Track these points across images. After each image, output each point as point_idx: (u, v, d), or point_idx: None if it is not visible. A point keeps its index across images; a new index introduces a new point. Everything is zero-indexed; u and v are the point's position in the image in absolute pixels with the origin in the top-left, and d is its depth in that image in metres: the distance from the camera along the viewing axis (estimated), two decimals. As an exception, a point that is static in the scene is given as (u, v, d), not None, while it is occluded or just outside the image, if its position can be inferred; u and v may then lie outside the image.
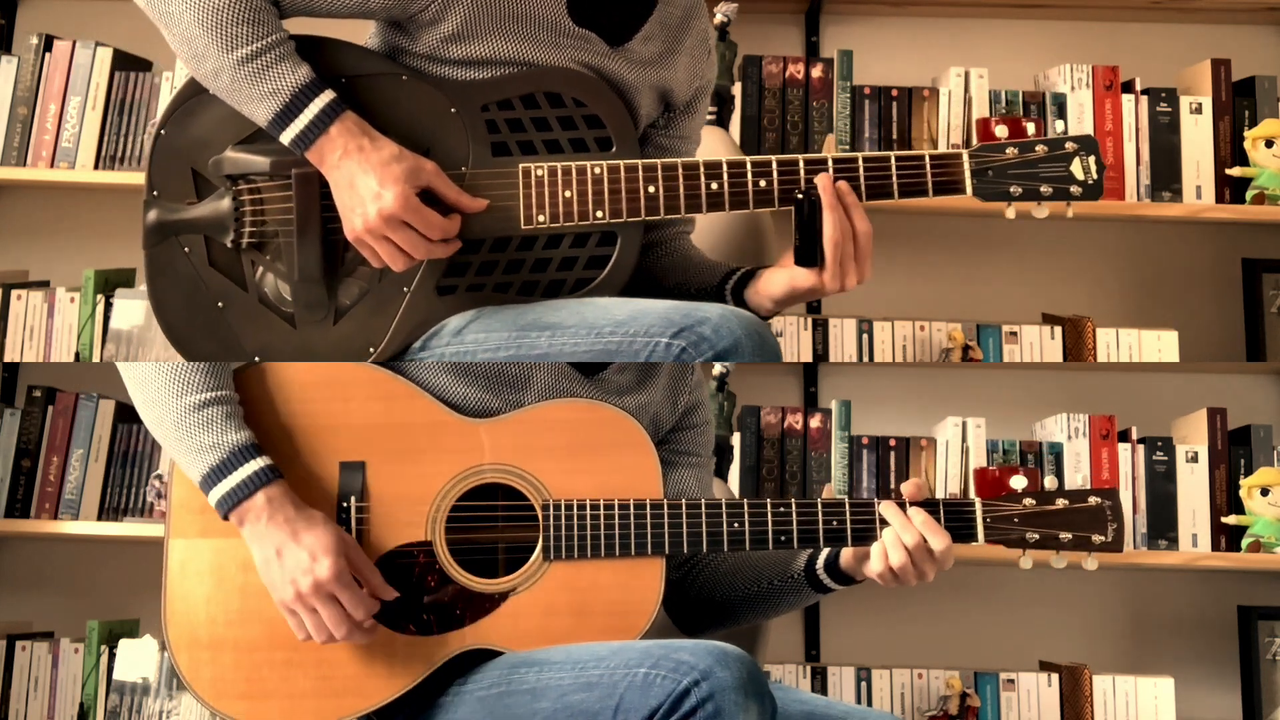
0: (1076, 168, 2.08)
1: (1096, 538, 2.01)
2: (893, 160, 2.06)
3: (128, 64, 3.35)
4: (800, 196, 2.05)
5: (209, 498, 1.89)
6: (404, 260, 2.00)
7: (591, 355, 1.94)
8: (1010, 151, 2.07)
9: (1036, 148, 2.08)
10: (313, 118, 1.97)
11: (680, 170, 2.05)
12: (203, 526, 1.95)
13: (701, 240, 2.46)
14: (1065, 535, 2.01)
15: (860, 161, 2.06)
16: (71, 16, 3.57)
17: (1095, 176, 2.08)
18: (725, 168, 2.05)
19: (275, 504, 1.88)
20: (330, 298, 2.07)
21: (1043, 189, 2.07)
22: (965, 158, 2.07)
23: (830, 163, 2.06)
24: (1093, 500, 2.02)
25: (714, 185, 2.06)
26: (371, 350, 2.06)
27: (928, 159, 2.07)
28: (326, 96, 1.98)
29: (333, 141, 1.97)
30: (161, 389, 1.91)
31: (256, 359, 2.07)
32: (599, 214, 2.05)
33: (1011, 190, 2.07)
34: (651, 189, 2.05)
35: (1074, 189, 2.08)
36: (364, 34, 2.19)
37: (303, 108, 1.97)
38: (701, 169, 2.05)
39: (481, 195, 2.05)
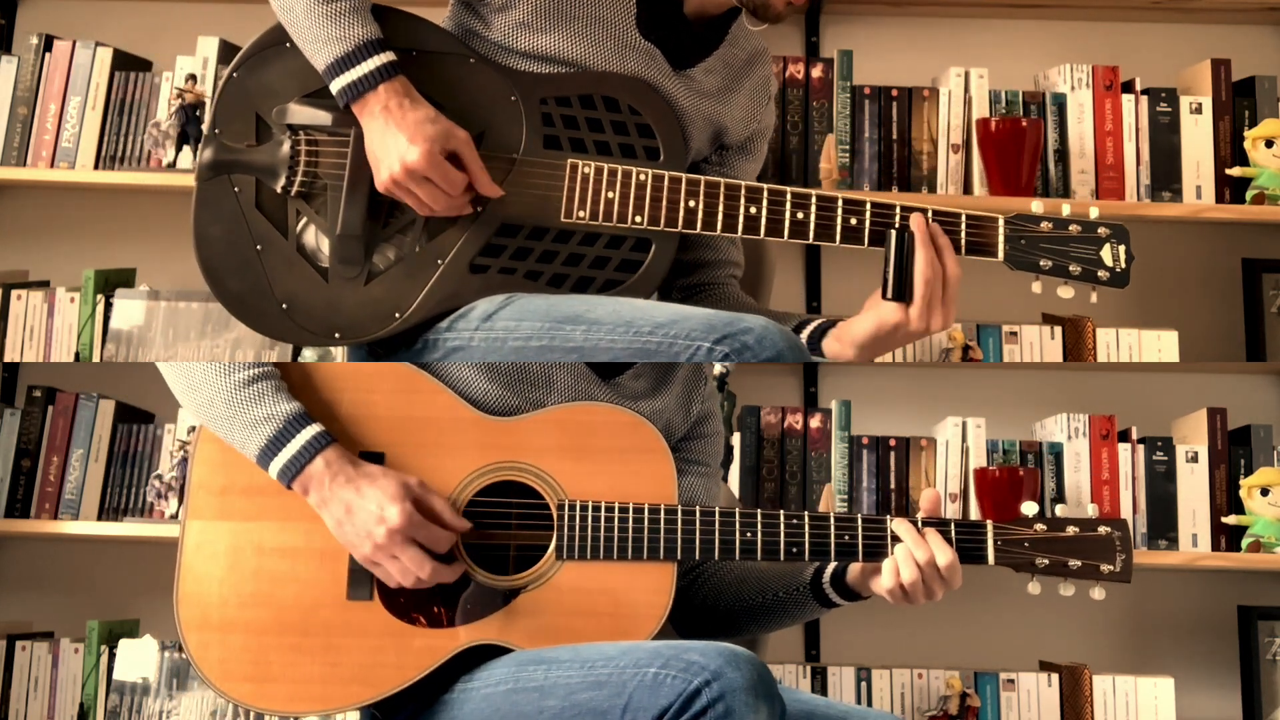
0: (1106, 254, 2.10)
1: (1105, 567, 2.03)
2: (929, 214, 2.09)
3: (128, 64, 3.35)
4: (895, 231, 2.07)
5: (269, 470, 1.91)
6: (427, 210, 2.09)
7: (628, 354, 1.96)
8: (1045, 225, 2.10)
9: (1070, 226, 2.11)
10: (367, 72, 2.05)
11: (722, 190, 2.10)
12: (220, 509, 1.96)
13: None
14: (1074, 563, 2.03)
15: (897, 209, 2.09)
16: (71, 16, 3.57)
17: (1123, 266, 2.11)
18: (765, 194, 2.09)
19: (334, 466, 1.91)
20: (366, 257, 2.13)
21: (1071, 268, 2.10)
22: (1001, 223, 2.09)
23: (868, 205, 2.10)
24: (1103, 530, 2.04)
25: (752, 209, 2.10)
26: (397, 316, 2.13)
27: (964, 218, 2.10)
28: (386, 56, 2.06)
29: (378, 96, 2.06)
30: (207, 372, 1.94)
31: (284, 305, 2.13)
32: (638, 219, 2.11)
33: (1041, 263, 2.10)
34: (692, 203, 2.10)
35: (1101, 273, 2.11)
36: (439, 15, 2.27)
37: (361, 60, 2.05)
38: (742, 192, 2.10)
39: (528, 183, 2.12)
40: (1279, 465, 3.26)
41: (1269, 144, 3.34)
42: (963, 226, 2.10)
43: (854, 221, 2.10)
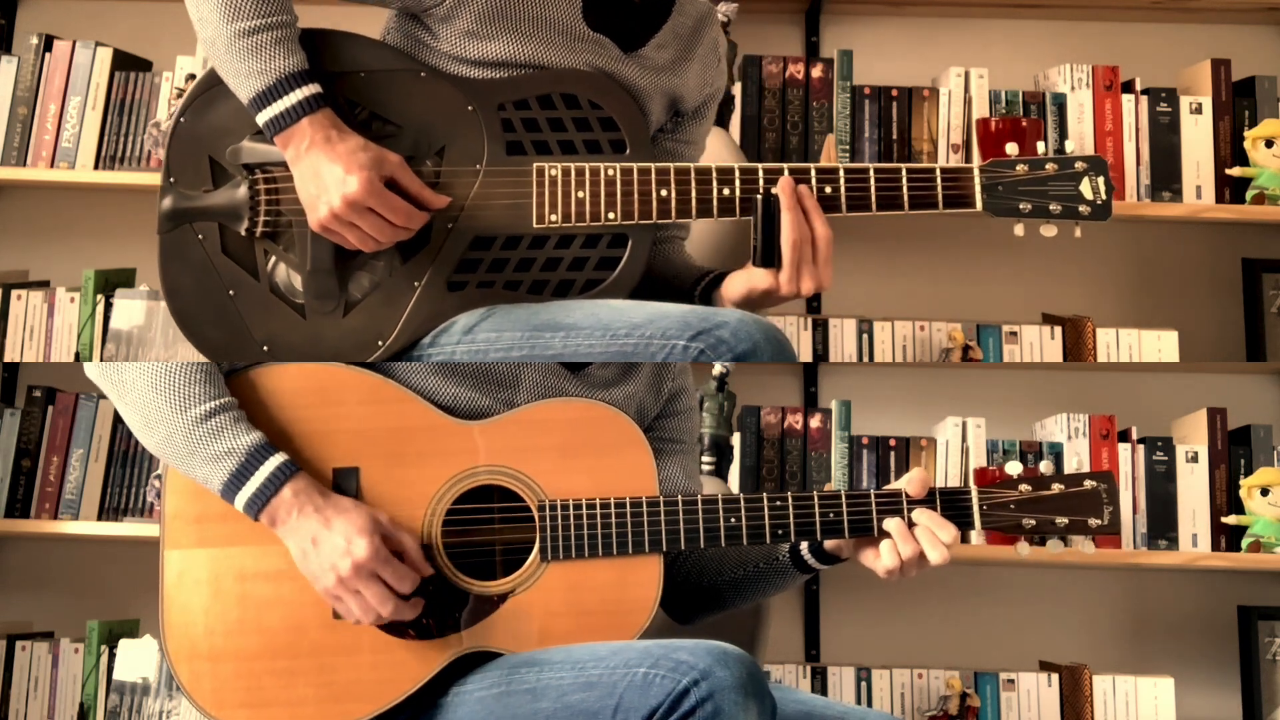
0: (1086, 187, 2.08)
1: (1093, 521, 2.00)
2: (904, 172, 2.06)
3: (128, 64, 3.35)
4: (760, 197, 2.05)
5: (235, 504, 1.88)
6: (372, 244, 2.03)
7: (606, 357, 1.95)
8: (1021, 168, 2.08)
9: (1047, 165, 2.08)
10: (290, 106, 1.99)
11: (693, 175, 2.06)
12: (198, 537, 1.94)
13: (700, 245, 2.46)
14: (1061, 520, 2.00)
15: (871, 172, 2.06)
16: (71, 16, 3.57)
17: (1104, 197, 2.08)
18: (738, 173, 2.06)
19: (302, 496, 1.88)
20: (341, 289, 2.09)
21: (1052, 207, 2.07)
22: (976, 173, 2.07)
23: (842, 173, 2.06)
24: (1088, 484, 2.01)
25: (726, 190, 2.07)
26: (380, 343, 2.08)
27: (939, 172, 2.07)
28: (310, 90, 2.00)
29: (302, 131, 2.00)
30: (162, 407, 1.90)
31: (265, 348, 2.09)
32: (611, 215, 2.07)
33: (1021, 207, 2.08)
34: (664, 192, 2.06)
35: (1083, 208, 2.08)
36: (379, 23, 2.21)
37: (284, 93, 1.99)
38: (714, 174, 2.06)
39: (495, 192, 2.08)
40: (1279, 465, 3.26)
41: (1269, 144, 3.34)
42: (938, 181, 2.08)
43: (829, 190, 2.07)
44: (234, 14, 1.99)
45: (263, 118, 2.00)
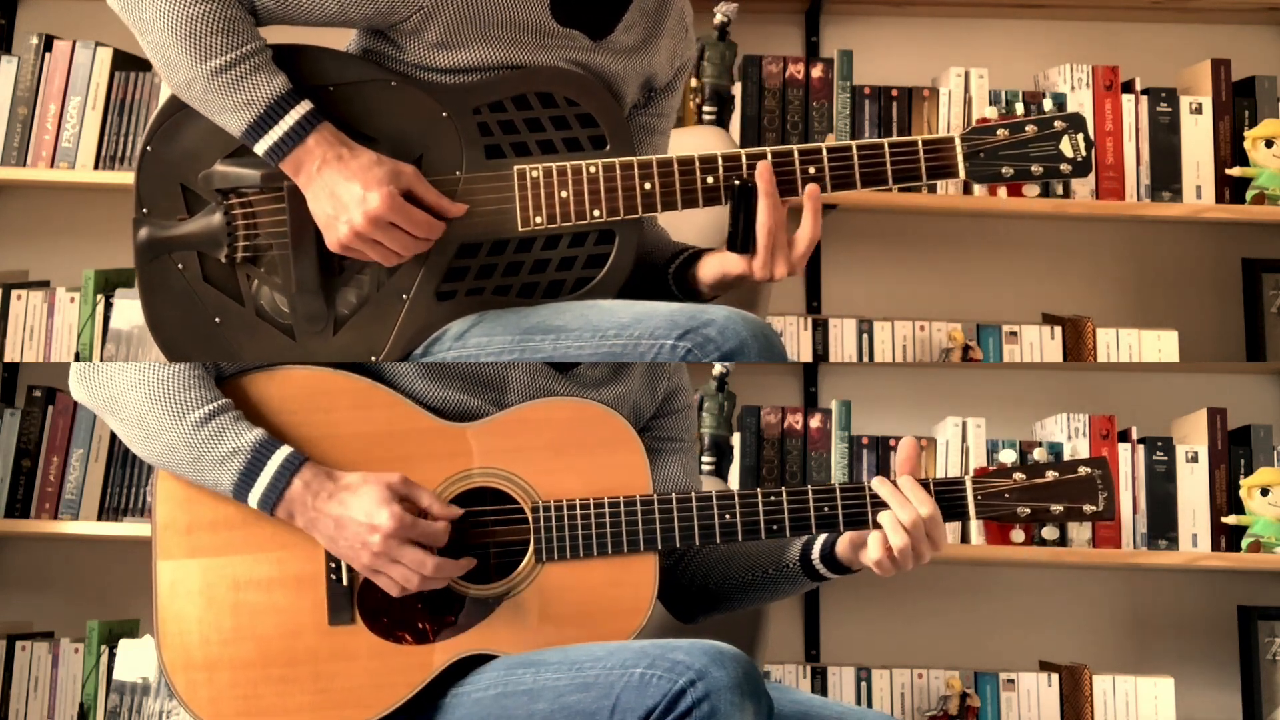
0: (1065, 145, 2.08)
1: (1088, 507, 2.00)
2: (886, 146, 2.06)
3: (128, 64, 3.35)
4: (738, 183, 2.04)
5: (249, 502, 1.88)
6: (394, 258, 2.00)
7: (596, 358, 1.94)
8: (1001, 133, 2.08)
9: (1026, 128, 2.08)
10: (289, 128, 1.95)
11: (676, 166, 2.04)
12: (190, 547, 1.93)
13: (701, 232, 2.46)
14: (1056, 507, 1.99)
15: (854, 149, 2.05)
16: (71, 16, 3.57)
17: (1084, 153, 2.08)
18: (720, 161, 2.05)
19: (313, 485, 1.88)
20: (329, 308, 2.06)
21: (1033, 168, 2.08)
22: (958, 141, 2.07)
23: (825, 152, 2.05)
24: (1083, 470, 2.01)
25: (710, 179, 2.05)
26: (374, 359, 2.05)
27: (920, 144, 2.07)
28: (303, 108, 1.96)
29: (310, 152, 1.96)
30: (160, 417, 1.89)
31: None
32: (596, 213, 2.05)
33: (1003, 171, 2.08)
34: (648, 185, 2.04)
35: (1064, 166, 2.08)
36: (342, 42, 2.16)
37: (279, 118, 1.95)
38: (697, 164, 2.04)
39: (477, 199, 2.05)
40: (1279, 465, 3.26)
41: (1269, 144, 3.34)
42: (921, 153, 2.07)
43: (813, 170, 2.07)
44: (204, 54, 1.94)
45: (262, 147, 1.96)
